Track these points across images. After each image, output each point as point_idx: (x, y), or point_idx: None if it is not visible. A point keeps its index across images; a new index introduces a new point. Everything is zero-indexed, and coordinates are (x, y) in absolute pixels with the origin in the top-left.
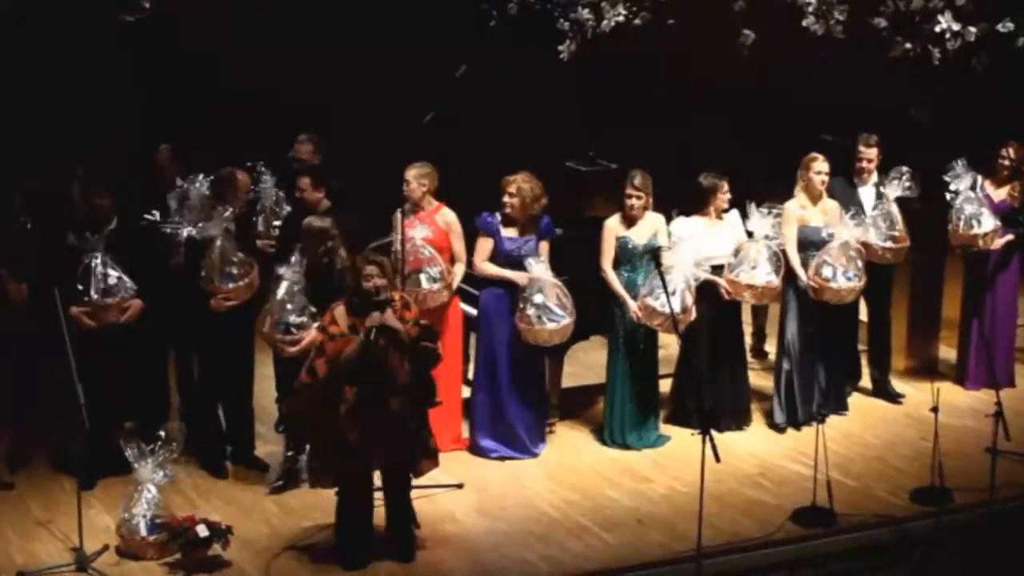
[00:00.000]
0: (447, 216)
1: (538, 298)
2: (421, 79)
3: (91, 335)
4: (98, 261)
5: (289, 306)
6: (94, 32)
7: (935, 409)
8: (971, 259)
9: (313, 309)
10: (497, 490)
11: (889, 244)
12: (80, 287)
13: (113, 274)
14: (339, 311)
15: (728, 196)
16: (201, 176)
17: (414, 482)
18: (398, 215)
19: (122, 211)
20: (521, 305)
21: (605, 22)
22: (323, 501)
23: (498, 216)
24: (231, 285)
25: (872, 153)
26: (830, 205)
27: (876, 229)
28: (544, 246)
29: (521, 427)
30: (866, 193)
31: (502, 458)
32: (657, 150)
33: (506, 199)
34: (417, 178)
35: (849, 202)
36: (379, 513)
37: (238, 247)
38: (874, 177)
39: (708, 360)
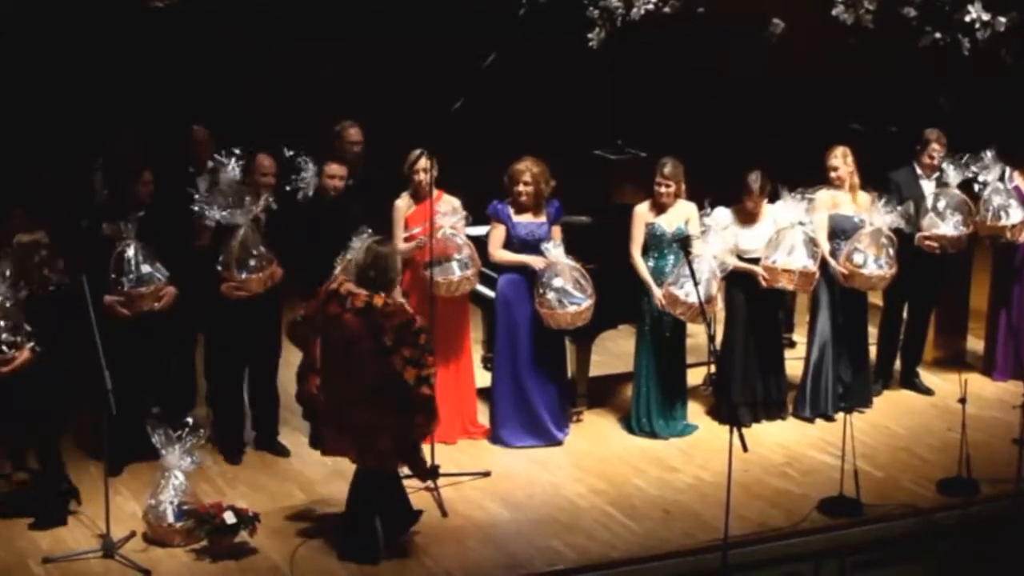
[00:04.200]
0: (453, 202)
1: (557, 282)
2: (449, 67)
3: (119, 321)
4: (132, 250)
5: (1, 323)
6: (118, 18)
7: (963, 400)
8: (999, 250)
9: (28, 328)
10: (523, 478)
11: (964, 230)
12: (113, 275)
13: (147, 262)
14: (396, 299)
15: (756, 196)
16: (233, 160)
17: (442, 469)
18: (399, 204)
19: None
20: (540, 291)
21: (635, 10)
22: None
23: (508, 203)
24: (245, 276)
25: (943, 150)
26: (862, 197)
27: (944, 221)
28: (556, 230)
29: (545, 411)
30: (930, 187)
31: (526, 447)
32: (685, 138)
33: (521, 188)
34: (428, 168)
35: (911, 195)
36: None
37: (263, 240)
38: (937, 172)
39: (744, 352)
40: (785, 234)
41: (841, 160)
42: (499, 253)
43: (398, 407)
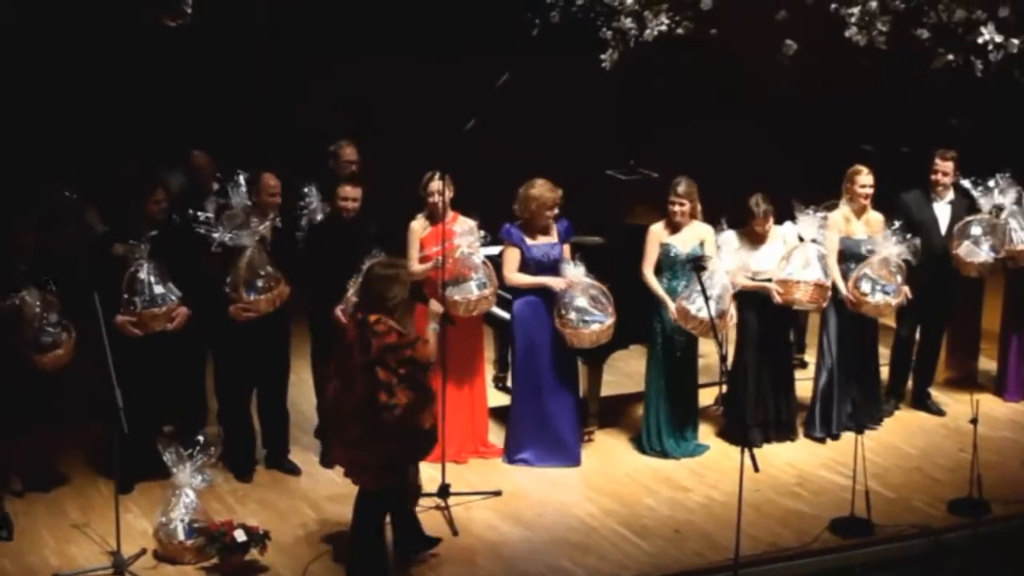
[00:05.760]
0: (469, 223)
1: (579, 302)
2: (462, 87)
3: (131, 340)
4: (144, 270)
5: None
6: (126, 38)
7: (974, 420)
8: (1012, 271)
9: None
10: (535, 498)
11: (994, 255)
12: (125, 295)
13: (160, 283)
14: (392, 323)
15: (760, 219)
16: (243, 181)
17: (453, 488)
18: (414, 226)
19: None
20: (562, 311)
21: (648, 31)
22: None
23: (519, 226)
24: (253, 297)
25: (949, 167)
26: (873, 217)
27: (980, 247)
28: (567, 249)
29: (566, 431)
30: (941, 209)
31: (547, 467)
32: (697, 158)
33: (548, 213)
34: (442, 190)
35: (922, 218)
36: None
37: (269, 260)
38: (950, 194)
39: (756, 372)
40: (798, 251)
41: (872, 181)
42: (516, 276)
43: (379, 425)
